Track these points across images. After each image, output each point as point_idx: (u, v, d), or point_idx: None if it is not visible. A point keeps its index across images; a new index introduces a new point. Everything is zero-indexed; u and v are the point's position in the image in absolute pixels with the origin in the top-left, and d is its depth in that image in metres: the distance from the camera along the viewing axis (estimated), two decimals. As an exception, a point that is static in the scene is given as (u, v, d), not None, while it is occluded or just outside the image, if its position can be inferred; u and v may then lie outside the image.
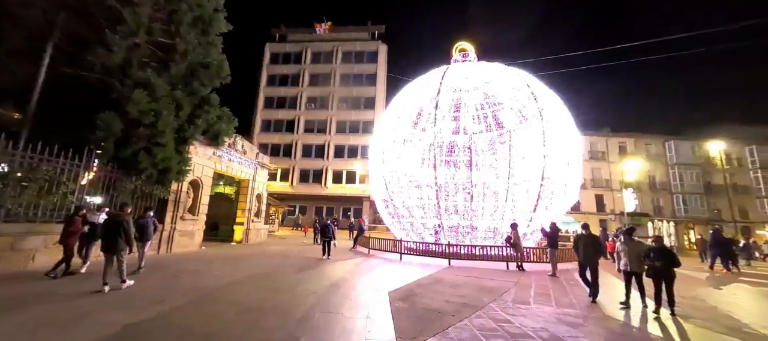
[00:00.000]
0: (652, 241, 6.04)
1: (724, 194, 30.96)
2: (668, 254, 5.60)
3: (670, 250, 5.78)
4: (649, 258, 5.65)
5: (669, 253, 5.64)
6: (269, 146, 36.43)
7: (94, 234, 6.67)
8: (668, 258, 5.54)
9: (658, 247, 5.74)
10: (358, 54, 39.77)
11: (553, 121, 12.27)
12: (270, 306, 5.06)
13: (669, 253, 5.64)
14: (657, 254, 5.62)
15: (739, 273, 12.32)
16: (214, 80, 10.56)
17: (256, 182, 16.07)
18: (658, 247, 5.74)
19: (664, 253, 5.61)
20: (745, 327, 4.99)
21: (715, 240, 13.25)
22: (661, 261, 5.52)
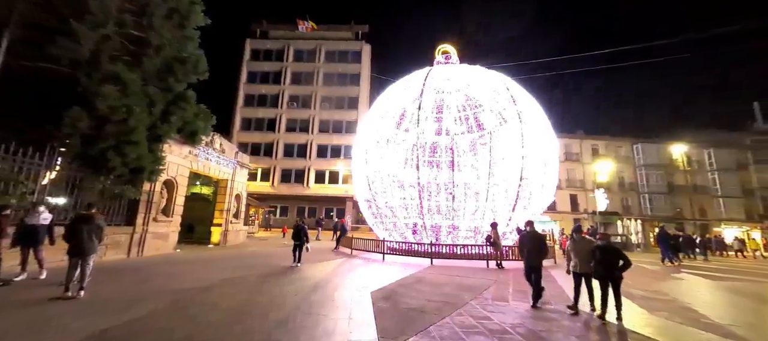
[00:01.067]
0: (598, 238, 5.44)
1: (685, 194, 33.22)
2: (614, 254, 5.06)
3: (616, 249, 5.18)
4: (595, 257, 5.12)
5: (615, 252, 5.09)
6: (249, 145, 35.50)
7: (31, 236, 5.97)
8: (614, 257, 5.02)
9: (603, 245, 5.18)
10: (342, 53, 39.53)
11: (531, 123, 12.70)
12: (248, 308, 4.93)
13: (615, 252, 5.09)
14: (602, 253, 5.09)
15: (680, 265, 13.51)
16: (191, 76, 10.16)
17: (235, 181, 15.61)
18: (604, 245, 5.18)
19: (609, 252, 5.08)
20: (702, 318, 5.36)
21: (660, 237, 14.66)
22: (606, 260, 5.03)
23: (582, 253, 5.36)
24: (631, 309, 5.78)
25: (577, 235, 5.74)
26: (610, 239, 5.47)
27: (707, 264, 14.89)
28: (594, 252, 5.16)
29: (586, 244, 5.42)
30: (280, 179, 35.29)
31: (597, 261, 5.10)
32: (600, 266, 5.06)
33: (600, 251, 5.11)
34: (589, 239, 5.60)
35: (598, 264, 5.09)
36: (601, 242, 5.26)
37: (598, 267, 5.08)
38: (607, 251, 5.10)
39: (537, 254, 5.77)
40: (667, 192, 34.10)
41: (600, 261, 5.06)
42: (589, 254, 5.23)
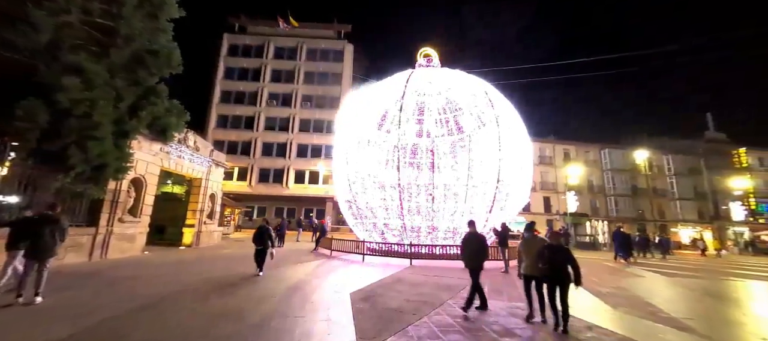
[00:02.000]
0: (548, 236, 4.92)
1: (647, 197, 35.56)
2: (563, 254, 4.52)
3: (565, 249, 4.65)
4: (543, 258, 4.59)
5: (563, 252, 4.55)
6: (225, 143, 34.34)
7: None
8: (563, 258, 4.48)
9: (552, 245, 4.67)
10: (324, 52, 39.12)
11: (508, 127, 13.14)
12: (221, 312, 4.78)
13: (563, 252, 4.55)
14: (551, 253, 4.55)
15: (634, 262, 14.71)
16: (163, 70, 9.67)
17: (210, 181, 15.05)
18: (552, 245, 4.67)
19: (558, 253, 4.55)
20: (659, 312, 5.77)
21: (614, 236, 15.97)
22: (554, 261, 4.50)
23: (532, 253, 4.81)
24: (595, 303, 6.13)
25: (528, 233, 5.25)
26: (560, 239, 4.95)
27: (664, 262, 16.03)
28: (542, 252, 4.63)
29: (537, 243, 4.89)
30: (258, 179, 34.35)
31: (545, 262, 4.56)
32: (548, 267, 4.54)
33: (549, 251, 4.60)
34: (541, 239, 5.08)
35: (545, 265, 4.56)
36: (551, 242, 4.75)
37: (546, 268, 4.56)
38: (556, 251, 4.58)
39: (477, 256, 5.40)
40: (631, 195, 36.39)
41: (548, 261, 4.54)
42: (538, 254, 4.71)
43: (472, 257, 5.42)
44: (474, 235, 5.60)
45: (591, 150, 37.94)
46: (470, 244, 5.54)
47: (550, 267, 4.52)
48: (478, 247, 5.47)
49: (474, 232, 5.65)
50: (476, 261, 5.38)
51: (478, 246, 5.48)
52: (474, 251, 5.45)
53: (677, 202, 37.04)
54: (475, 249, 5.45)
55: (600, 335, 4.33)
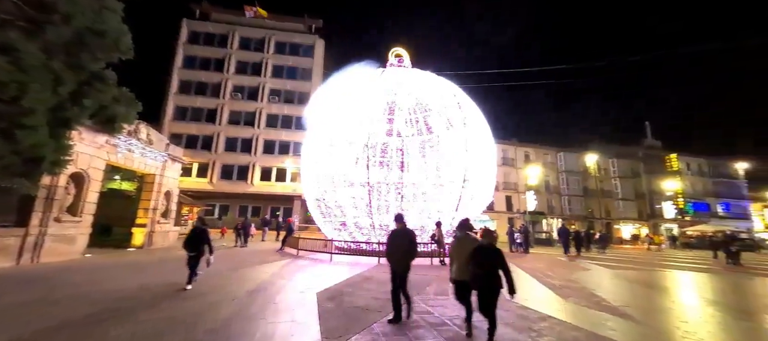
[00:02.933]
0: (481, 235, 4.20)
1: (595, 197, 38.91)
2: (496, 257, 3.87)
3: (497, 251, 3.94)
4: (475, 261, 3.92)
5: (494, 255, 3.89)
6: (184, 137, 32.15)
7: None
8: (496, 261, 3.84)
9: (483, 246, 4.00)
10: (294, 46, 37.94)
11: (475, 129, 13.68)
12: (172, 319, 4.47)
13: (494, 255, 3.89)
14: (483, 256, 3.90)
15: (577, 256, 16.06)
16: (111, 54, 8.79)
17: (165, 177, 14.00)
18: (483, 246, 4.00)
19: (491, 255, 3.90)
20: (603, 301, 6.34)
21: (559, 232, 17.58)
22: (487, 265, 3.84)
23: (464, 256, 4.07)
24: (549, 295, 6.60)
25: (461, 232, 4.51)
26: (492, 236, 4.14)
27: (606, 255, 17.65)
28: (474, 255, 3.94)
29: (470, 244, 4.14)
30: (221, 176, 32.54)
31: (476, 265, 3.90)
32: (480, 271, 3.87)
33: (481, 253, 3.93)
34: (473, 238, 4.32)
35: (477, 269, 3.89)
36: (482, 242, 4.05)
37: (478, 271, 3.88)
38: (487, 253, 3.91)
39: (404, 256, 4.57)
40: (582, 195, 39.60)
41: (480, 264, 3.88)
42: (470, 257, 3.99)
43: (400, 258, 4.58)
44: (404, 231, 4.80)
45: (549, 153, 40.66)
46: (399, 242, 4.65)
47: (482, 272, 3.85)
48: (408, 246, 4.62)
49: (404, 228, 4.86)
50: (405, 263, 4.57)
51: (409, 245, 4.63)
52: (404, 250, 4.59)
53: (620, 202, 40.94)
54: (405, 248, 4.60)
55: (552, 325, 4.66)
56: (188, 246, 6.40)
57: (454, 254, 4.39)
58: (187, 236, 6.55)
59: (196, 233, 6.55)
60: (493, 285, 3.81)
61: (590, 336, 4.23)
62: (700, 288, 8.52)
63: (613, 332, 4.39)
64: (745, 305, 6.49)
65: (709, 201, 43.12)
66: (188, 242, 6.44)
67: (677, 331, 4.64)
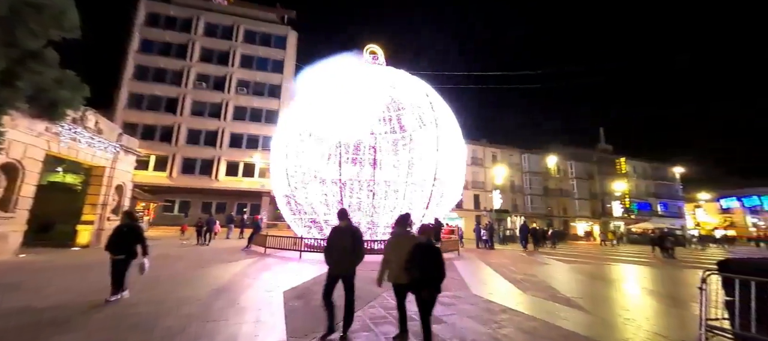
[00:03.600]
0: (418, 232, 3.88)
1: (554, 196, 41.63)
2: (435, 257, 3.47)
3: (435, 249, 3.57)
4: (413, 261, 3.48)
5: (432, 254, 3.48)
6: (140, 127, 29.80)
7: None
8: (434, 262, 3.45)
9: (421, 244, 3.58)
10: (264, 36, 36.41)
11: (446, 129, 14.01)
12: (125, 323, 4.14)
13: (432, 254, 3.48)
14: (422, 255, 3.47)
15: (534, 251, 17.35)
16: (51, 31, 7.88)
17: (117, 170, 12.89)
18: (421, 244, 3.58)
19: (430, 254, 3.48)
20: (558, 293, 6.81)
21: (520, 230, 19.17)
22: (425, 266, 3.42)
23: (402, 256, 3.57)
24: (510, 288, 6.96)
25: (399, 228, 4.01)
26: (431, 235, 3.82)
27: (564, 251, 18.99)
28: (412, 255, 3.50)
29: (409, 242, 3.68)
30: (181, 170, 30.56)
31: (413, 266, 3.46)
32: (417, 272, 3.44)
33: (420, 251, 3.49)
34: (412, 236, 3.92)
35: (414, 270, 3.45)
36: (420, 239, 3.66)
37: (415, 272, 3.45)
38: (425, 252, 3.48)
39: (344, 256, 3.88)
40: (543, 194, 42.17)
41: (418, 265, 3.44)
42: (409, 256, 3.52)
43: (339, 258, 3.89)
44: (348, 229, 4.07)
45: (514, 154, 42.77)
46: (340, 240, 3.95)
47: (420, 273, 3.41)
48: (351, 245, 3.89)
49: (349, 225, 4.15)
50: (346, 264, 3.89)
51: (352, 244, 3.91)
52: (344, 249, 3.88)
53: (576, 201, 44.14)
54: (348, 248, 3.87)
55: (512, 317, 4.93)
56: (113, 247, 5.17)
57: (390, 254, 3.83)
58: (111, 235, 5.30)
59: (124, 231, 5.34)
60: (430, 289, 3.42)
61: (545, 325, 4.53)
62: (641, 280, 9.44)
63: (565, 321, 4.73)
64: (677, 294, 7.28)
65: (651, 201, 47.83)
66: (113, 243, 5.20)
67: (619, 318, 5.11)
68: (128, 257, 5.21)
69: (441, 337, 3.95)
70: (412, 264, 3.48)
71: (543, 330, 4.31)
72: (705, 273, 4.09)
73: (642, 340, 4.13)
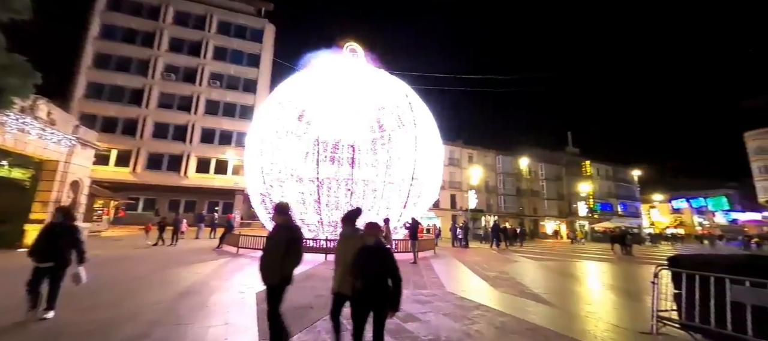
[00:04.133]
0: (364, 232, 3.07)
1: (526, 196, 43.42)
2: (385, 260, 2.86)
3: (385, 252, 2.95)
4: (357, 265, 2.87)
5: (381, 257, 2.88)
6: (99, 119, 27.80)
7: None
8: (385, 265, 2.84)
9: (369, 247, 2.94)
10: (240, 28, 35.08)
11: (424, 129, 14.20)
12: (85, 328, 3.84)
13: (381, 257, 2.88)
14: (368, 258, 2.87)
15: (504, 249, 18.10)
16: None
17: (72, 164, 11.93)
18: (368, 247, 2.94)
19: (378, 257, 2.88)
20: (527, 289, 7.12)
21: (491, 229, 20.47)
22: (372, 270, 2.82)
23: (348, 259, 2.98)
24: (483, 286, 7.19)
25: (347, 228, 3.38)
26: (381, 235, 3.12)
27: (534, 249, 19.89)
28: (356, 259, 2.89)
29: (354, 245, 3.05)
30: (147, 165, 28.80)
31: (358, 271, 2.83)
32: (359, 282, 2.79)
33: (365, 256, 2.87)
34: (360, 237, 3.13)
35: (357, 279, 2.81)
36: (369, 241, 2.96)
37: (357, 283, 2.80)
38: (372, 255, 2.87)
39: (273, 261, 3.13)
40: (516, 194, 43.87)
41: (361, 273, 2.81)
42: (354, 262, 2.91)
43: (270, 264, 3.14)
44: (286, 228, 3.31)
45: (489, 155, 44.15)
46: (274, 244, 3.25)
47: (366, 279, 2.77)
48: (285, 248, 3.13)
49: (288, 223, 3.36)
50: (277, 273, 3.11)
51: (286, 247, 3.14)
52: (274, 253, 3.16)
53: (546, 201, 46.34)
54: (281, 252, 3.12)
55: (484, 312, 5.09)
56: (39, 253, 4.14)
57: (338, 258, 3.28)
58: (39, 237, 4.27)
59: (56, 232, 4.28)
60: (377, 299, 2.73)
61: (515, 320, 4.72)
62: (602, 275, 10.09)
63: (534, 316, 4.96)
64: (633, 288, 7.84)
65: (612, 202, 51.18)
66: (41, 247, 4.16)
67: (582, 312, 5.43)
68: (59, 265, 4.17)
69: (416, 335, 4.00)
70: (355, 271, 2.84)
71: (513, 325, 4.49)
72: (657, 268, 4.44)
73: (602, 331, 4.40)
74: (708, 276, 3.75)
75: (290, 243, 3.22)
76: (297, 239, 3.31)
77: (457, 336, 4.01)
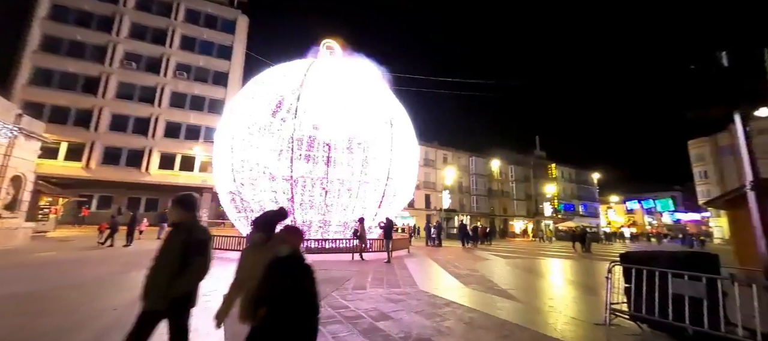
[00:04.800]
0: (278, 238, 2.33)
1: (497, 197, 45.14)
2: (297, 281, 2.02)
3: (304, 270, 2.05)
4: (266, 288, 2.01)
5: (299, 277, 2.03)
6: (47, 108, 25.38)
7: None
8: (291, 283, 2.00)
9: (282, 259, 2.08)
10: (210, 18, 33.42)
11: (400, 129, 14.32)
12: (34, 335, 3.48)
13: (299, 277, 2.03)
14: (271, 279, 2.02)
15: (473, 248, 18.84)
16: None
17: (13, 157, 10.79)
18: (281, 259, 2.08)
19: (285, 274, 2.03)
20: (495, 286, 7.42)
21: (459, 228, 21.36)
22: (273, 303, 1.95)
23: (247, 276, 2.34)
24: (454, 283, 7.39)
25: (257, 234, 2.57)
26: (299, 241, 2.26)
27: (504, 247, 20.75)
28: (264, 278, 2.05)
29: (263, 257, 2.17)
30: (102, 160, 26.66)
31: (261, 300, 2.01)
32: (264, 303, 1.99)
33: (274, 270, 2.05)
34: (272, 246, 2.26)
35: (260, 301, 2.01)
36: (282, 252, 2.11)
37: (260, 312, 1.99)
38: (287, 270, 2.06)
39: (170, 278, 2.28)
40: (487, 195, 45.49)
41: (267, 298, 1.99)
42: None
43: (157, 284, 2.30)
44: (186, 229, 2.45)
45: (463, 157, 45.43)
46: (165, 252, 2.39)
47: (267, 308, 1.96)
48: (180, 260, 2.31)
49: (190, 222, 2.52)
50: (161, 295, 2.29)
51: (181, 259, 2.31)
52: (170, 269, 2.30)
53: (515, 201, 48.51)
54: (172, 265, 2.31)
55: (454, 309, 5.23)
56: None
57: (242, 275, 2.42)
58: None
59: None
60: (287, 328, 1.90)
61: (483, 315, 4.90)
62: (564, 271, 10.73)
63: (501, 311, 5.17)
64: (591, 283, 8.42)
65: (574, 202, 54.55)
66: None
67: (545, 306, 5.75)
68: None
69: (388, 333, 4.03)
70: (261, 295, 1.99)
71: (481, 320, 4.66)
72: (610, 264, 4.80)
73: (562, 324, 4.69)
74: (653, 271, 4.11)
75: (188, 251, 2.29)
76: (198, 245, 2.37)
77: (428, 333, 4.09)
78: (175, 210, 2.58)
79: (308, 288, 2.04)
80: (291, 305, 1.95)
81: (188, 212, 2.59)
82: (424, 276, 8.50)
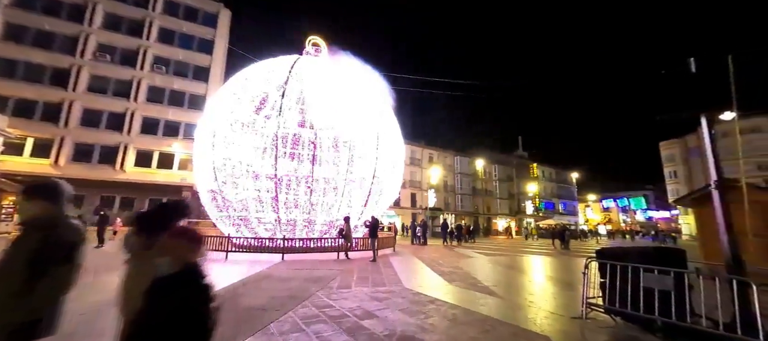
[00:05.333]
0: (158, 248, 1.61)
1: (481, 196, 45.98)
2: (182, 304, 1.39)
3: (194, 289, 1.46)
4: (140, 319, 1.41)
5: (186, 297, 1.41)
6: (11, 102, 23.83)
7: None
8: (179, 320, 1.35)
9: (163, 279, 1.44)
10: (191, 10, 32.26)
11: (386, 128, 14.33)
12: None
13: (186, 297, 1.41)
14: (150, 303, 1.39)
15: (456, 246, 19.24)
16: None
17: (-27, 153, 10.03)
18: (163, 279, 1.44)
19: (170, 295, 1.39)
20: (478, 283, 7.56)
21: (442, 227, 21.91)
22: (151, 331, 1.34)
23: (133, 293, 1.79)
24: (438, 281, 7.48)
25: (136, 238, 2.13)
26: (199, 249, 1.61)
27: (486, 244, 21.19)
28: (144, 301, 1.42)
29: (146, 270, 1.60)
30: (73, 157, 25.29)
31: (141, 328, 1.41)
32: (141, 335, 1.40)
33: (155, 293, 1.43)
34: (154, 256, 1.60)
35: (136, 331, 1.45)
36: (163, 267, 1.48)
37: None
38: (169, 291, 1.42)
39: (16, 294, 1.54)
40: (472, 194, 46.28)
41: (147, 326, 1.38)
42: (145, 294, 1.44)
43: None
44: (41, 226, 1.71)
45: (448, 156, 45.99)
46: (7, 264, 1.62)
47: None
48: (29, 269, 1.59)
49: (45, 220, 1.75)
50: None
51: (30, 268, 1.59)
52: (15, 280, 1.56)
53: (498, 200, 49.58)
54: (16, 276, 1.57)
55: (438, 306, 5.30)
56: None
57: (126, 293, 2.01)
58: None
59: None
60: None
61: (466, 312, 4.99)
62: (544, 268, 11.07)
63: (483, 307, 5.28)
64: (569, 278, 8.72)
65: (554, 201, 56.33)
66: None
67: (525, 301, 5.91)
68: None
69: (372, 331, 4.03)
70: (141, 321, 1.45)
71: (463, 317, 4.74)
72: (587, 260, 4.99)
73: (541, 318, 4.84)
74: (626, 266, 4.31)
75: (39, 258, 1.63)
76: (61, 248, 1.72)
77: (412, 330, 4.12)
78: (28, 203, 1.81)
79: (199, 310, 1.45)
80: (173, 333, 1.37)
81: (51, 204, 1.81)
82: (409, 274, 8.56)
